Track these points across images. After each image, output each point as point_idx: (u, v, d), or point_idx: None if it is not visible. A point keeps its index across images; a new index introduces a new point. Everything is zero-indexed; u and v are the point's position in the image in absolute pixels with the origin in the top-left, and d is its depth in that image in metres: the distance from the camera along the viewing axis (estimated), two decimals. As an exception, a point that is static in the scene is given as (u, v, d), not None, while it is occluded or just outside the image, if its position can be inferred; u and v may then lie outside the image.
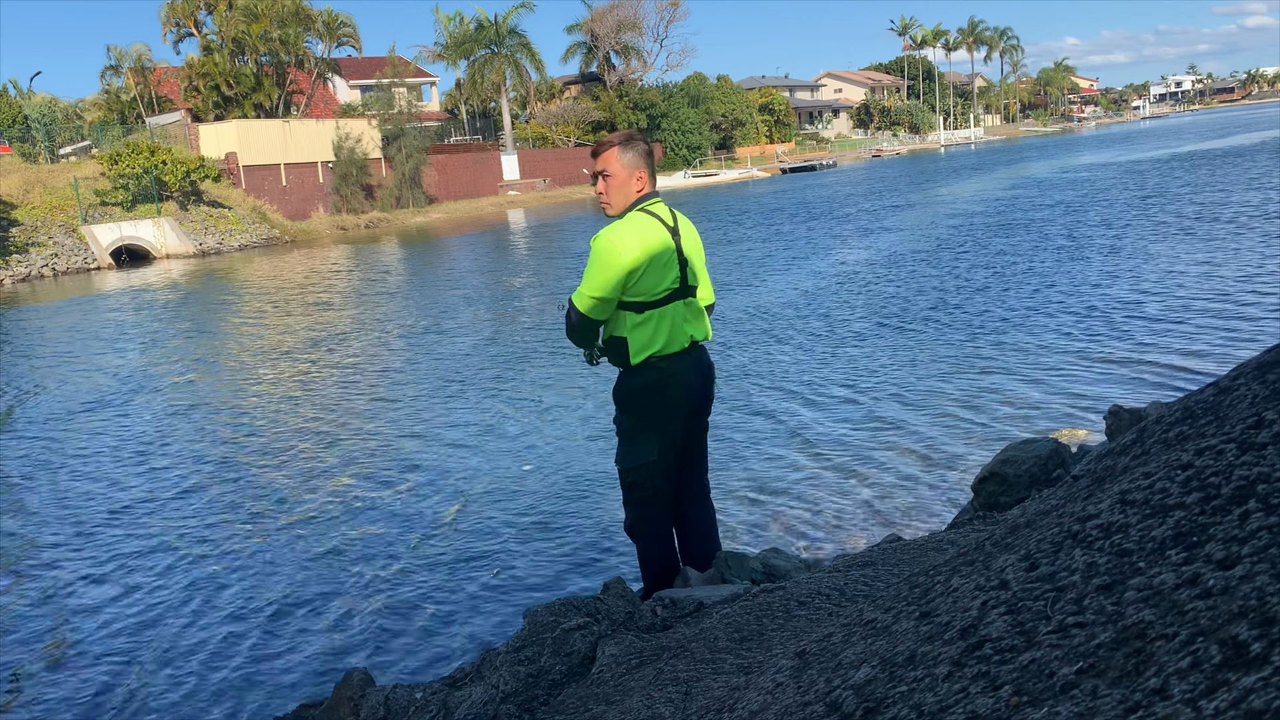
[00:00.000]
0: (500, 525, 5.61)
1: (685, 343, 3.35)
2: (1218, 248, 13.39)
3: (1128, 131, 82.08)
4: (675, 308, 3.32)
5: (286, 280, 22.18)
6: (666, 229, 3.32)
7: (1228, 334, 8.52)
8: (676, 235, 3.34)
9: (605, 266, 3.20)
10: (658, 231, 3.29)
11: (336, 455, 7.40)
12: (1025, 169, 40.88)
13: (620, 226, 3.29)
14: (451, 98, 62.04)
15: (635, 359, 3.30)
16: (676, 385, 3.35)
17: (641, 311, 3.27)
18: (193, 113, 42.12)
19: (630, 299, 3.26)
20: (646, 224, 3.29)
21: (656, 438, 3.39)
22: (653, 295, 3.26)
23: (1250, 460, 1.14)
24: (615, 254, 3.19)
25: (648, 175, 3.38)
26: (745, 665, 2.07)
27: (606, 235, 3.24)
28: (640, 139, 3.42)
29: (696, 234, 3.50)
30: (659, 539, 3.54)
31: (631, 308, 3.27)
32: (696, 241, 3.46)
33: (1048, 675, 0.98)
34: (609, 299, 3.23)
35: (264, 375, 11.04)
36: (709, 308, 3.56)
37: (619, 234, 3.24)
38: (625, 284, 3.22)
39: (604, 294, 3.22)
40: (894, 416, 7.08)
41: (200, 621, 4.69)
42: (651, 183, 3.40)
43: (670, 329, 3.30)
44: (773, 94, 79.02)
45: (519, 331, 12.60)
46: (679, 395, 3.37)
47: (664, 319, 3.29)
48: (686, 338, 3.35)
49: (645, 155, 3.39)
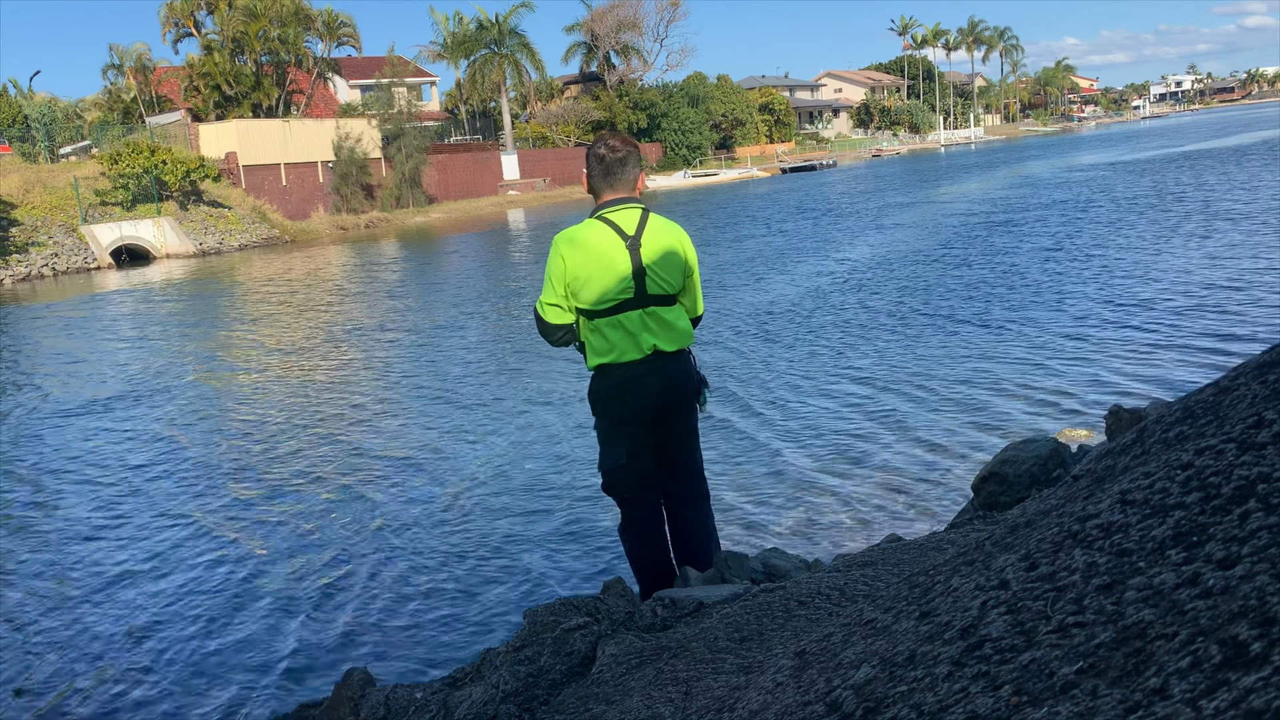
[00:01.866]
0: (500, 525, 5.61)
1: (644, 351, 3.27)
2: (1218, 246, 13.39)
3: (1128, 131, 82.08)
4: (630, 317, 3.25)
5: (286, 280, 22.18)
6: (621, 238, 3.24)
7: (1227, 334, 8.52)
8: (635, 245, 3.25)
9: (548, 271, 3.28)
10: (605, 240, 3.23)
11: (335, 455, 7.40)
12: (1025, 169, 40.88)
13: (567, 231, 3.30)
14: (451, 98, 62.03)
15: (591, 364, 3.34)
16: (633, 392, 3.30)
17: (592, 319, 3.27)
18: (193, 112, 42.12)
19: (582, 306, 3.25)
20: (595, 232, 3.26)
21: (623, 441, 3.37)
22: (600, 304, 3.23)
23: (1250, 460, 1.14)
24: (555, 259, 3.25)
25: (603, 183, 3.33)
26: (745, 665, 2.07)
27: (554, 240, 3.29)
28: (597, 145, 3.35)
29: (678, 242, 3.35)
30: (643, 540, 3.53)
31: (585, 314, 3.28)
32: (674, 251, 3.32)
33: (1048, 675, 0.98)
34: (555, 303, 3.27)
35: (263, 375, 11.03)
36: (697, 319, 3.48)
37: (563, 239, 3.27)
38: (568, 289, 3.24)
39: (549, 298, 3.28)
40: (894, 416, 7.08)
41: (199, 621, 4.69)
42: (613, 190, 3.33)
43: (624, 338, 3.25)
44: (773, 94, 79.02)
45: (520, 331, 12.60)
46: (636, 402, 3.32)
47: (616, 328, 3.25)
48: (648, 346, 3.27)
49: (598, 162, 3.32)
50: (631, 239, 3.26)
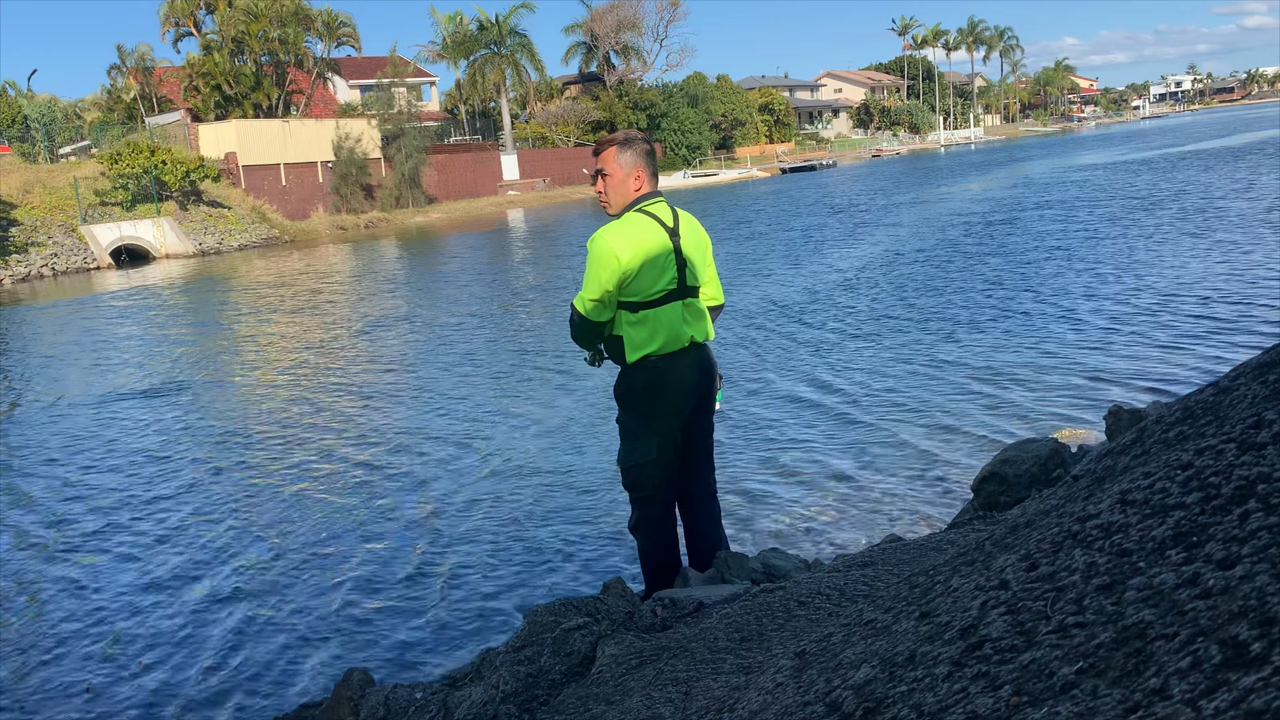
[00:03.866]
0: (501, 525, 5.61)
1: (684, 343, 3.33)
2: (1219, 246, 13.39)
3: (1128, 131, 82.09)
4: (673, 308, 3.30)
5: (286, 280, 22.18)
6: (664, 229, 3.30)
7: (1228, 334, 8.52)
8: (676, 236, 3.31)
9: (600, 268, 3.22)
10: (653, 232, 3.28)
11: (335, 455, 7.40)
12: (1026, 168, 40.88)
13: (615, 227, 3.30)
14: (451, 98, 62.02)
15: (631, 357, 3.32)
16: (674, 384, 3.33)
17: (636, 311, 3.27)
18: (192, 112, 42.12)
19: (626, 299, 3.26)
20: (641, 224, 3.28)
21: (655, 437, 3.38)
22: (648, 296, 3.26)
23: (1250, 460, 1.14)
24: (609, 255, 3.21)
25: (646, 175, 3.37)
26: (745, 665, 2.07)
27: (601, 236, 3.26)
28: (640, 138, 3.41)
29: (703, 234, 3.46)
30: (659, 538, 3.54)
31: (627, 307, 3.28)
32: (701, 242, 3.43)
33: (1048, 675, 0.98)
34: (605, 301, 3.25)
35: (263, 374, 11.03)
36: (717, 308, 3.53)
37: (613, 235, 3.25)
38: (620, 285, 3.23)
39: (599, 296, 3.25)
40: (894, 416, 7.08)
41: (199, 621, 4.69)
42: (652, 183, 3.39)
43: (667, 329, 3.29)
44: (773, 94, 79.02)
45: (521, 331, 12.61)
46: (677, 394, 3.35)
47: (660, 319, 3.28)
48: (686, 338, 3.33)
49: (645, 155, 3.37)
50: (672, 229, 3.32)
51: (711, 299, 3.50)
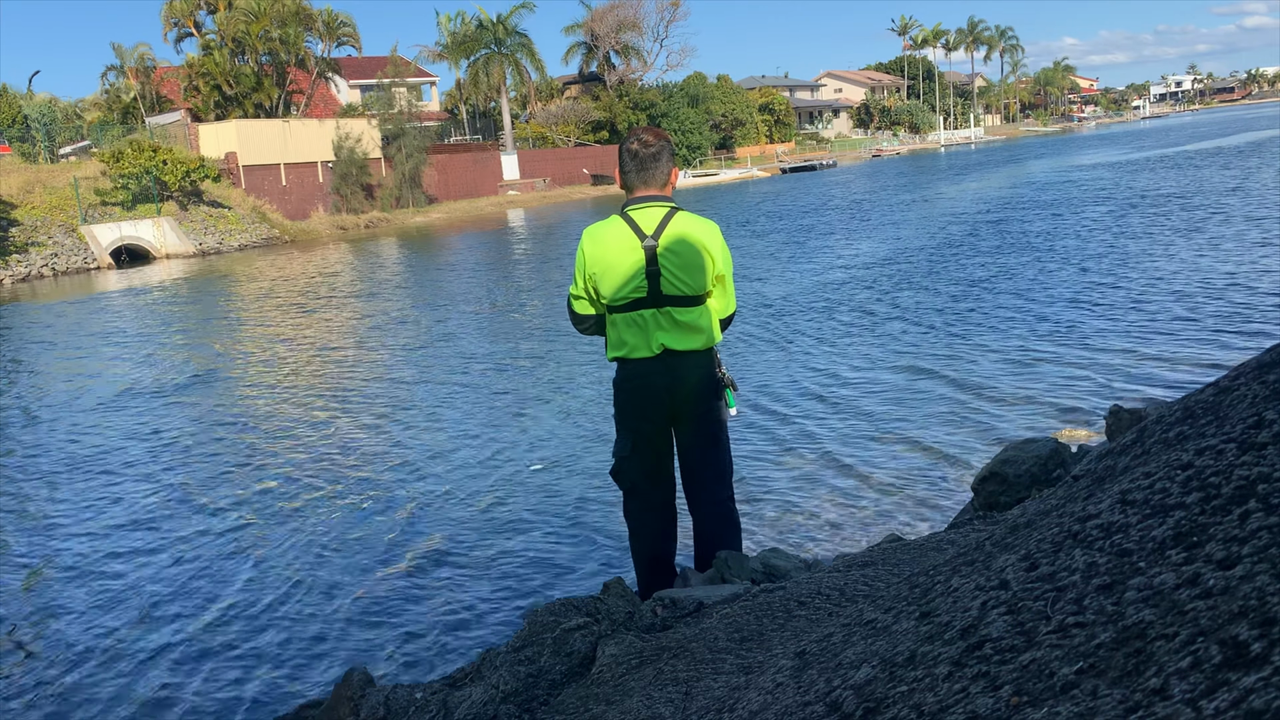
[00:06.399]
0: (501, 525, 5.61)
1: (654, 350, 3.27)
2: (1219, 246, 13.39)
3: (1128, 131, 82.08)
4: (643, 315, 3.27)
5: (286, 280, 22.18)
6: (638, 237, 3.24)
7: (1228, 334, 8.52)
8: (652, 245, 3.23)
9: (577, 262, 3.39)
10: (621, 238, 3.25)
11: (335, 455, 7.40)
12: (1026, 168, 40.88)
13: (595, 226, 3.37)
14: (451, 98, 62.01)
15: (609, 356, 3.44)
16: (640, 390, 3.34)
17: (611, 314, 3.36)
18: (193, 112, 42.10)
19: (604, 300, 3.33)
20: (613, 229, 3.30)
21: (630, 434, 3.43)
22: (615, 301, 3.29)
23: (1250, 460, 1.14)
24: (580, 251, 3.37)
25: (633, 177, 3.34)
26: (745, 665, 2.07)
27: (584, 232, 3.38)
28: (627, 138, 3.38)
29: (705, 242, 3.27)
30: (642, 533, 3.54)
31: (608, 308, 3.36)
32: (696, 251, 3.25)
33: (1048, 675, 0.98)
34: (580, 295, 3.39)
35: (263, 373, 11.03)
36: (728, 319, 3.46)
37: (588, 233, 3.36)
38: (588, 282, 3.33)
39: (575, 290, 3.41)
40: (894, 416, 7.08)
41: (199, 621, 4.69)
42: (641, 183, 3.33)
43: (636, 335, 3.29)
44: (773, 94, 79.00)
45: (522, 331, 12.61)
46: (642, 400, 3.35)
47: (630, 325, 3.29)
48: (657, 345, 3.26)
49: (627, 156, 3.33)
50: (649, 238, 3.25)
51: (719, 310, 3.41)
